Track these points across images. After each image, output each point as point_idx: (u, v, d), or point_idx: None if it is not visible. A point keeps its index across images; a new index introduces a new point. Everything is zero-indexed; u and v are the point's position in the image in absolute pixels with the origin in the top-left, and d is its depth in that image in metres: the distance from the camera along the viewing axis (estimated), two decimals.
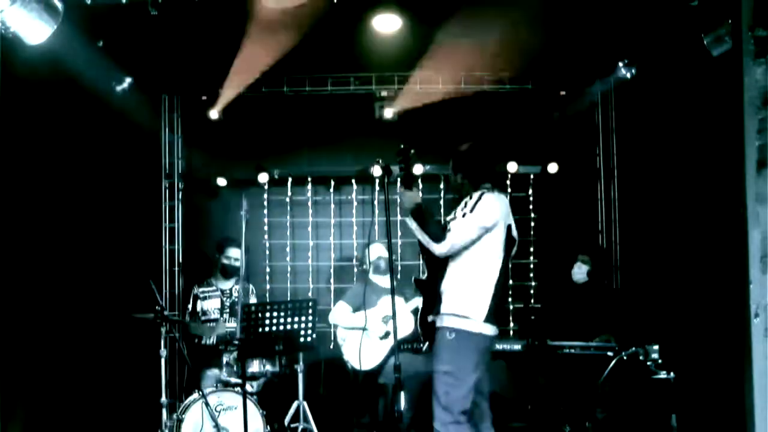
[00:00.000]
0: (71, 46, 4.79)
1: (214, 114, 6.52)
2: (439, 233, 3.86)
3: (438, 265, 3.98)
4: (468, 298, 3.87)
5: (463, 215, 3.89)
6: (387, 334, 5.58)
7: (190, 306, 5.91)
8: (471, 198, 3.94)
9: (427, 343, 4.03)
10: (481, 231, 3.85)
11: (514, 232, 4.06)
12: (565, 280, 5.72)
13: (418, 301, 5.57)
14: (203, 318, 5.81)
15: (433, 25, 5.45)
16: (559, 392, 5.27)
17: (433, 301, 3.99)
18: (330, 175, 6.80)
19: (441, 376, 3.84)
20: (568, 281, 5.69)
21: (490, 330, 3.90)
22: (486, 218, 3.86)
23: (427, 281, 4.06)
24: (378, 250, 5.89)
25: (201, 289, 5.94)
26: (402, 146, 3.97)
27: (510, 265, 4.21)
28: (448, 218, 4.04)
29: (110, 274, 5.87)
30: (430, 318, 4.01)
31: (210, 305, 5.83)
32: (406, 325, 5.57)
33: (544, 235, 6.68)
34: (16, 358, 4.64)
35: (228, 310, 5.81)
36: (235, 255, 5.83)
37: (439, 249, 3.86)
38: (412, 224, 3.94)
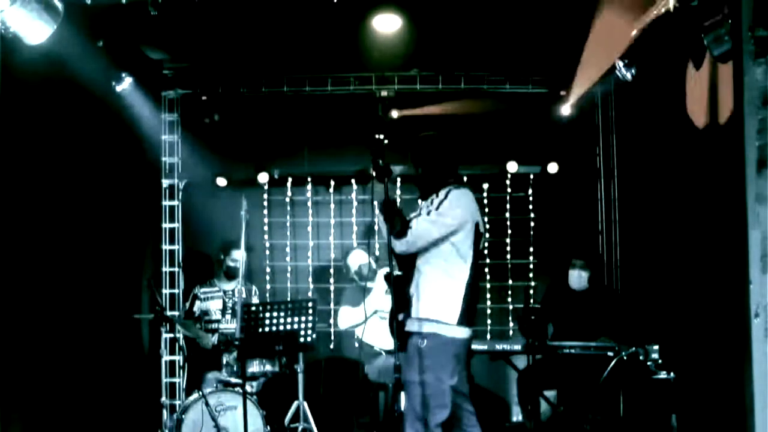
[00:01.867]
0: (71, 46, 4.79)
1: (214, 114, 6.53)
2: (401, 230, 3.68)
3: (407, 266, 3.84)
4: (438, 301, 3.70)
5: (428, 213, 3.72)
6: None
7: (188, 305, 5.90)
8: (437, 195, 3.77)
9: (398, 344, 3.79)
10: (444, 230, 3.68)
11: (482, 228, 3.91)
12: (563, 284, 5.71)
13: None
14: (205, 318, 5.80)
15: (432, 25, 5.46)
16: (560, 392, 5.27)
17: (403, 302, 3.81)
18: (330, 175, 6.80)
19: (414, 386, 3.64)
20: (566, 286, 5.68)
21: (464, 333, 3.74)
22: (452, 217, 3.69)
23: (400, 280, 3.89)
24: (357, 258, 5.90)
25: (202, 290, 5.93)
26: (375, 137, 3.93)
27: (488, 265, 4.12)
28: (412, 215, 3.85)
29: (110, 275, 5.87)
30: (400, 317, 3.81)
31: (212, 306, 5.82)
32: None
33: (544, 236, 6.68)
34: (16, 358, 4.64)
35: (230, 311, 5.80)
36: (239, 257, 5.74)
37: (399, 246, 3.69)
38: (378, 218, 3.79)
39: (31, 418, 4.87)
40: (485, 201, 6.61)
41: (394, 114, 6.56)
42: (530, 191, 6.75)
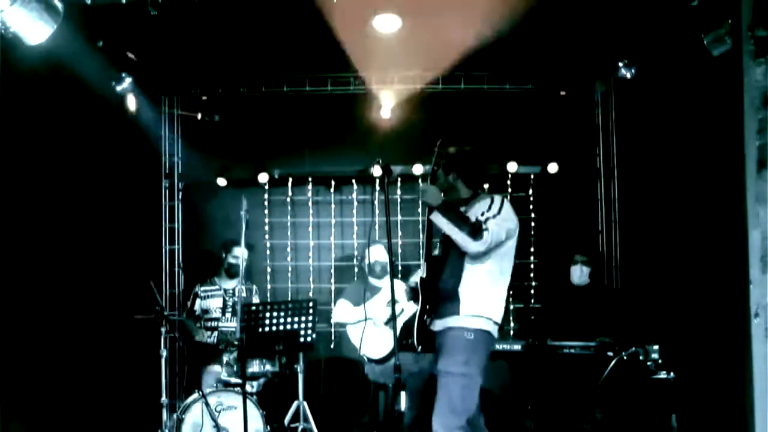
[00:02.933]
0: (71, 46, 4.79)
1: (214, 114, 6.54)
2: (473, 228, 3.73)
3: (445, 266, 3.90)
4: (490, 300, 3.82)
5: (493, 216, 3.79)
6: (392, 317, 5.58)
7: (189, 303, 5.91)
8: (492, 201, 3.86)
9: (420, 346, 3.90)
10: (506, 234, 3.81)
11: None
12: (564, 281, 5.72)
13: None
14: (205, 317, 5.80)
15: (432, 25, 5.45)
16: (560, 392, 5.27)
17: (435, 303, 3.89)
18: (330, 175, 6.80)
19: (457, 378, 3.70)
20: (567, 282, 5.69)
21: (496, 333, 3.89)
22: (513, 222, 3.85)
23: (428, 281, 3.93)
24: (376, 254, 5.88)
25: (203, 288, 5.94)
26: (440, 141, 3.93)
27: None
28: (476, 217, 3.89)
29: (110, 275, 5.87)
30: (431, 321, 3.91)
31: (212, 304, 5.82)
32: (411, 307, 5.58)
33: (544, 235, 6.68)
34: (16, 358, 4.64)
35: (230, 310, 5.80)
36: (240, 253, 5.78)
37: (476, 246, 3.72)
38: (440, 219, 3.80)
39: (32, 417, 4.87)
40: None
41: (387, 114, 6.56)
42: (530, 191, 6.75)
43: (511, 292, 6.42)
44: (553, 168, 6.61)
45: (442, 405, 3.70)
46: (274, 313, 4.92)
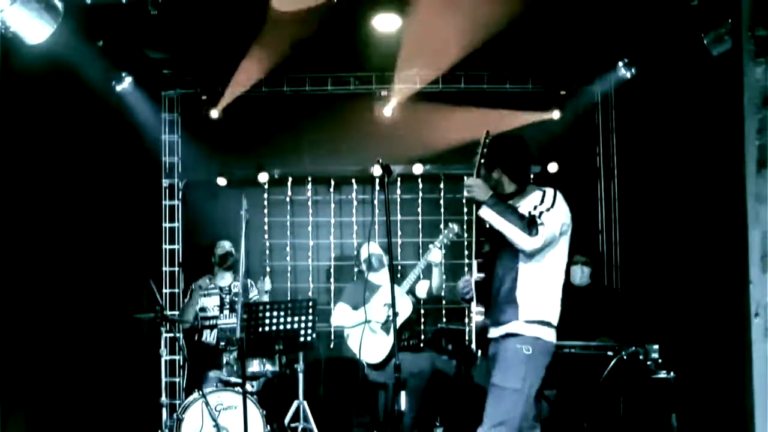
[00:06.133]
0: (71, 46, 4.79)
1: (214, 113, 6.53)
2: (527, 224, 3.44)
3: (497, 266, 3.64)
4: (548, 302, 3.61)
5: (546, 210, 3.53)
6: (388, 320, 5.57)
7: (187, 299, 5.86)
8: (545, 194, 3.58)
9: (479, 351, 3.67)
10: (562, 229, 3.57)
11: None
12: (565, 282, 5.70)
13: (411, 279, 5.59)
14: (202, 315, 5.78)
15: (432, 25, 5.45)
16: (560, 392, 5.26)
17: (492, 307, 3.64)
18: (330, 174, 6.81)
19: (508, 392, 3.46)
20: (568, 283, 5.68)
21: (555, 337, 3.66)
22: (567, 216, 3.61)
23: (483, 284, 3.67)
24: (370, 248, 5.87)
25: (199, 284, 5.88)
26: (486, 131, 3.60)
27: None
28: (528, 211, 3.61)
29: (110, 275, 5.87)
30: (490, 326, 3.66)
31: (209, 303, 5.81)
32: (405, 307, 5.61)
33: None
34: (16, 358, 4.64)
35: (228, 307, 5.79)
36: (225, 245, 5.79)
37: (532, 243, 3.44)
38: (490, 214, 3.49)
39: (32, 417, 4.87)
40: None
41: (389, 112, 6.56)
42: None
43: None
44: (553, 168, 6.60)
45: (489, 418, 3.49)
46: (274, 313, 4.92)
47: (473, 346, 3.65)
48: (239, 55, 6.04)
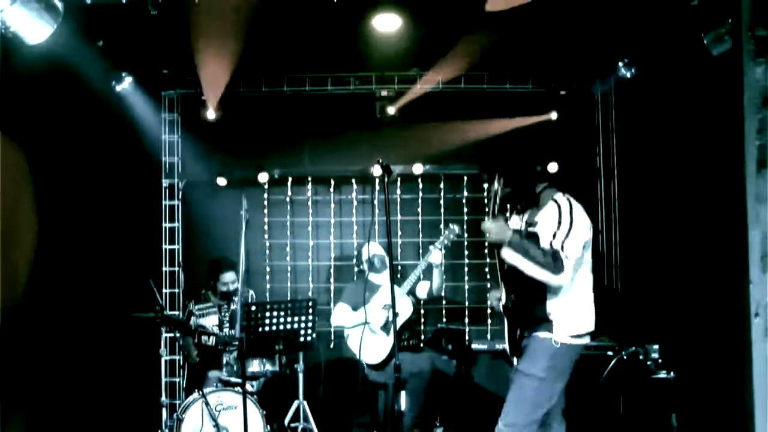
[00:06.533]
0: (71, 45, 4.79)
1: (210, 114, 6.52)
2: (551, 260, 3.42)
3: (525, 284, 3.58)
4: (583, 314, 3.63)
5: (565, 236, 3.48)
6: (387, 322, 5.56)
7: (184, 319, 5.79)
8: (560, 211, 3.52)
9: (514, 357, 3.73)
10: (585, 244, 3.56)
11: None
12: None
13: (412, 280, 5.58)
14: (201, 330, 5.69)
15: (432, 25, 5.46)
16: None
17: (525, 326, 3.65)
18: (330, 174, 6.80)
19: (533, 380, 3.54)
20: None
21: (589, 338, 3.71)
22: (586, 226, 3.58)
23: (513, 307, 3.72)
24: (373, 248, 5.87)
25: (197, 307, 5.73)
26: (497, 177, 3.58)
27: None
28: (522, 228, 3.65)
29: (110, 274, 5.86)
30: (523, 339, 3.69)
31: (207, 322, 5.72)
32: (406, 309, 5.60)
33: None
34: (16, 357, 4.64)
35: (227, 324, 5.73)
36: (230, 279, 5.57)
37: (559, 280, 3.45)
38: (513, 256, 3.50)
39: (32, 417, 4.87)
40: (486, 201, 6.60)
41: (392, 111, 6.56)
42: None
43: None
44: (553, 168, 6.58)
45: (511, 404, 3.57)
46: (274, 313, 4.92)
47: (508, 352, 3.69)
48: (239, 55, 6.04)
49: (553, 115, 6.56)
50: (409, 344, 5.79)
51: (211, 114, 6.54)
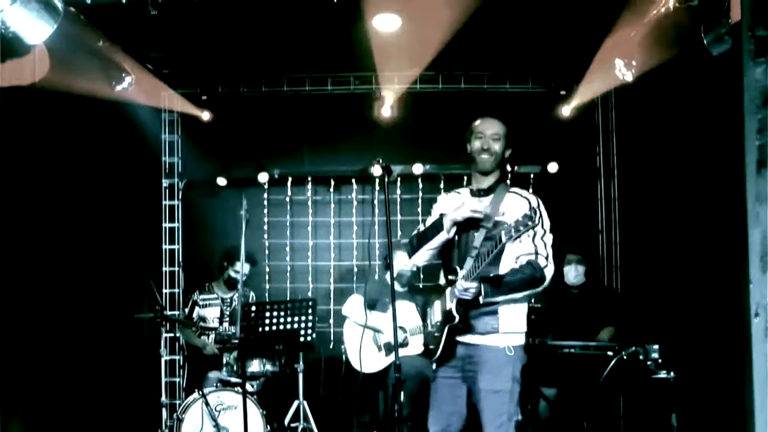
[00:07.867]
0: (71, 46, 4.79)
1: (205, 116, 6.54)
2: (527, 277, 3.44)
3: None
4: (525, 312, 3.62)
5: (542, 238, 3.59)
6: (390, 347, 5.47)
7: (187, 311, 5.85)
8: (534, 211, 3.35)
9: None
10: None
11: None
12: (560, 281, 5.71)
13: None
14: (202, 325, 5.75)
15: (432, 25, 5.45)
16: (559, 392, 5.27)
17: (470, 313, 3.55)
18: (330, 174, 6.81)
19: (507, 394, 3.49)
20: (561, 282, 5.68)
21: None
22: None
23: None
24: (400, 263, 5.54)
25: (201, 296, 5.87)
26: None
27: None
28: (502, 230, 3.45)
29: (110, 275, 5.86)
30: (462, 331, 3.59)
31: (209, 313, 5.78)
32: (417, 346, 5.37)
33: None
34: (16, 357, 4.64)
35: (228, 319, 5.77)
36: (244, 268, 5.53)
37: (545, 285, 3.51)
38: (499, 299, 3.47)
39: (32, 417, 4.87)
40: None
41: (387, 113, 6.56)
42: (530, 191, 6.73)
43: None
44: (553, 168, 6.60)
45: (501, 422, 3.47)
46: (274, 313, 4.92)
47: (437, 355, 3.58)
48: (239, 55, 6.05)
49: (556, 114, 6.54)
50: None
51: (206, 115, 6.55)
